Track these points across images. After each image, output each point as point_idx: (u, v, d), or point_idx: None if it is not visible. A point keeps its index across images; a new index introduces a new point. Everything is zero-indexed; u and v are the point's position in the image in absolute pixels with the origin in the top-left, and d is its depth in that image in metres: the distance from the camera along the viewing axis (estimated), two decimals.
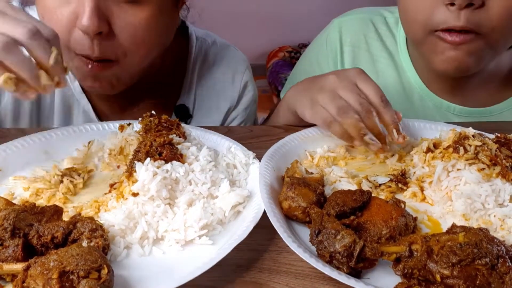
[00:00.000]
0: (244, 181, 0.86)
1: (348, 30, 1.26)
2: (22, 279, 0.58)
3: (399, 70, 1.23)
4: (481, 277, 0.59)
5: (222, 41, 1.33)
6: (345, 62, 1.26)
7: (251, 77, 1.32)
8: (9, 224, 0.65)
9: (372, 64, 1.25)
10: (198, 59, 1.26)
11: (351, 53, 1.25)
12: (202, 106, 1.25)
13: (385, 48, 1.25)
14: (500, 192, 0.79)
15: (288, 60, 3.68)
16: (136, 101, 1.20)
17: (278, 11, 3.73)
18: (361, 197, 0.75)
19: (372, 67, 1.24)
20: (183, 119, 1.22)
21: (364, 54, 1.25)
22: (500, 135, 0.89)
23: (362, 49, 1.25)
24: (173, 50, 1.19)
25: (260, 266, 0.70)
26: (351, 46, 1.25)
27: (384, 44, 1.25)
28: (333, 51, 1.27)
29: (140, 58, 1.01)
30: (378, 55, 1.25)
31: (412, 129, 1.05)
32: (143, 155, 0.80)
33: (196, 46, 1.26)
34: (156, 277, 0.66)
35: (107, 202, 0.78)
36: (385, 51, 1.24)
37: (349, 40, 1.25)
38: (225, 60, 1.29)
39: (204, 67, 1.26)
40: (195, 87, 1.24)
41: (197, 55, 1.26)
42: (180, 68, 1.24)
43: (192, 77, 1.24)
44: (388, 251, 0.65)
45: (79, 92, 1.15)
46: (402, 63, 1.23)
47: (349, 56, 1.25)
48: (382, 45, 1.25)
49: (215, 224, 0.75)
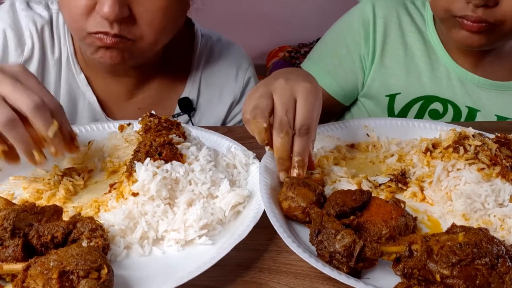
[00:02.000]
0: (244, 181, 0.86)
1: (381, 5, 1.35)
2: (22, 279, 0.58)
3: (427, 44, 1.33)
4: (481, 277, 0.59)
5: (226, 39, 1.36)
6: (377, 32, 1.33)
7: (254, 74, 1.34)
8: (9, 224, 0.65)
9: (402, 38, 1.34)
10: (203, 54, 1.28)
11: (383, 25, 1.33)
12: (206, 99, 1.27)
13: (415, 24, 1.34)
14: (500, 192, 0.79)
15: (288, 60, 3.68)
16: (142, 93, 1.22)
17: (278, 11, 3.73)
18: (361, 197, 0.75)
19: (402, 40, 1.33)
20: (187, 111, 1.24)
21: (395, 27, 1.34)
22: (500, 135, 0.89)
23: (393, 23, 1.34)
24: (179, 45, 1.21)
25: (260, 266, 0.70)
26: (383, 19, 1.33)
27: (413, 20, 1.34)
28: (365, 21, 1.34)
29: (154, 42, 1.03)
30: (408, 29, 1.34)
31: (412, 129, 1.06)
32: (143, 155, 0.80)
33: (202, 42, 1.28)
34: (156, 277, 0.66)
35: (107, 202, 0.79)
36: (415, 26, 1.34)
37: (382, 13, 1.34)
38: (229, 56, 1.31)
39: (209, 62, 1.29)
40: (199, 81, 1.26)
41: (202, 50, 1.28)
42: (185, 62, 1.26)
43: (196, 71, 1.26)
44: (388, 251, 0.65)
45: (85, 85, 1.17)
46: (430, 39, 1.33)
47: (381, 27, 1.33)
48: (411, 21, 1.34)
49: (215, 224, 0.75)
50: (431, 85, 1.32)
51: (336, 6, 2.25)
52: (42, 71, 1.14)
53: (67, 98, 1.17)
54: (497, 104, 1.32)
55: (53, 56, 1.15)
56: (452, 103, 1.33)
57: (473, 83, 1.31)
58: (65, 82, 1.16)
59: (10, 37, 1.10)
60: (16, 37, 1.11)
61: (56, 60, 1.15)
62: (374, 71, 1.34)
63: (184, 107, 1.24)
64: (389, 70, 1.33)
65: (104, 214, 0.74)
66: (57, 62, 1.15)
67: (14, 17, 1.12)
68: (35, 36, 1.12)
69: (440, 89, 1.32)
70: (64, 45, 1.15)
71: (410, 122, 1.07)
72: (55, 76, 1.16)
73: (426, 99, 1.33)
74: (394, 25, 1.34)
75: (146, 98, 1.22)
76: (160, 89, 1.23)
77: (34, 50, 1.13)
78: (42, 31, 1.13)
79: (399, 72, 1.33)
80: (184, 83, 1.25)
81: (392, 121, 1.07)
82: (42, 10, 1.15)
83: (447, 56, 1.31)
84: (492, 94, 1.31)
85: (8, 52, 1.11)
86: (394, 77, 1.33)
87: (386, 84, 1.34)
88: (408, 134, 1.04)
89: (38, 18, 1.14)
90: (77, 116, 1.19)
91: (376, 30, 1.34)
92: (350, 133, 1.03)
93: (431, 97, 1.33)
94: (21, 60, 1.11)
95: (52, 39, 1.15)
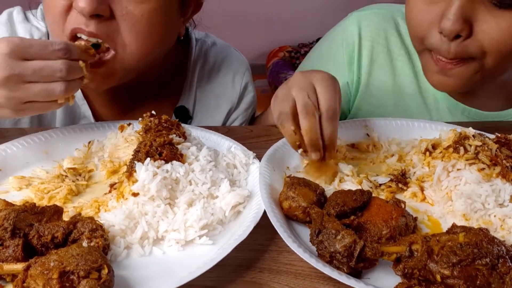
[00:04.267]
0: (244, 181, 0.86)
1: (368, 25, 1.22)
2: (22, 279, 0.58)
3: (416, 70, 1.20)
4: (481, 277, 0.59)
5: (221, 42, 1.33)
6: (363, 56, 1.22)
7: (250, 78, 1.32)
8: (9, 224, 0.65)
9: (390, 62, 1.22)
10: (198, 61, 1.26)
11: (370, 48, 1.22)
12: (203, 107, 1.25)
13: (404, 47, 1.22)
14: (500, 192, 0.79)
15: (288, 60, 3.68)
16: (137, 106, 1.19)
17: (278, 11, 3.73)
18: (361, 197, 0.75)
19: (390, 64, 1.22)
20: (183, 120, 1.22)
21: (382, 50, 1.22)
22: (500, 135, 0.89)
23: (381, 45, 1.22)
24: (173, 53, 1.19)
25: (261, 266, 0.70)
26: (371, 41, 1.22)
27: (403, 42, 1.22)
28: (350, 45, 1.23)
29: (139, 55, 0.99)
30: (397, 53, 1.22)
31: (412, 129, 1.05)
32: (143, 155, 0.79)
33: (196, 48, 1.26)
34: (156, 277, 0.66)
35: (107, 202, 0.78)
36: (404, 49, 1.22)
37: (369, 34, 1.22)
38: (225, 61, 1.29)
39: (204, 68, 1.26)
40: (195, 88, 1.24)
41: (197, 57, 1.26)
42: (180, 70, 1.24)
43: (192, 79, 1.24)
44: (388, 251, 0.65)
45: (81, 99, 1.15)
46: (420, 64, 1.16)
47: (368, 51, 1.22)
48: (401, 43, 1.22)
49: (215, 224, 0.75)
50: (420, 115, 1.20)
51: (336, 6, 2.26)
52: None
53: (63, 112, 1.16)
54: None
55: None
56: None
57: (463, 114, 1.19)
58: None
59: None
60: None
61: None
62: (360, 99, 1.25)
63: (181, 116, 1.22)
64: (375, 100, 1.23)
65: (104, 214, 0.74)
66: None
67: (12, 29, 1.12)
68: None
69: (429, 119, 1.17)
70: None
71: (410, 122, 1.07)
72: None
73: None
74: (382, 47, 1.22)
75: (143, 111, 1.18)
76: (156, 100, 1.21)
77: None
78: None
79: (386, 102, 1.22)
80: (179, 92, 1.23)
81: (392, 121, 1.07)
82: (39, 23, 1.14)
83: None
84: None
85: None
86: (381, 107, 1.23)
87: (372, 113, 1.20)
88: (408, 134, 1.04)
89: (35, 31, 1.13)
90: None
91: (362, 54, 1.22)
92: (350, 133, 1.03)
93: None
94: None
95: None
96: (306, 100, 0.81)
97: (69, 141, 0.96)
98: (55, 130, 0.98)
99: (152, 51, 1.02)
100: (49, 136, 0.96)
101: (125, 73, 1.02)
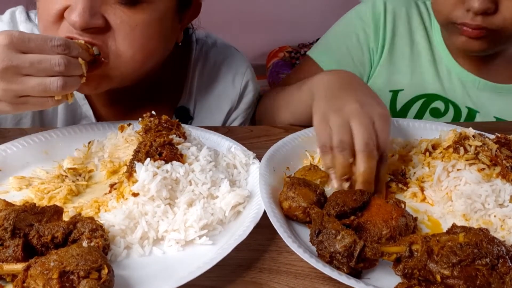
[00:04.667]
0: (244, 181, 0.86)
1: (392, 1, 1.38)
2: (22, 279, 0.58)
3: (432, 43, 1.36)
4: (481, 277, 0.59)
5: (222, 42, 1.32)
6: (387, 28, 1.36)
7: (252, 77, 1.31)
8: (9, 224, 0.65)
9: (410, 35, 1.37)
10: (198, 61, 1.25)
11: (392, 21, 1.36)
12: (203, 107, 1.25)
13: (422, 23, 1.37)
14: (500, 192, 0.79)
15: (288, 60, 3.67)
16: (137, 106, 1.19)
17: (278, 11, 3.73)
18: (361, 197, 0.75)
19: (409, 37, 1.37)
20: (184, 121, 1.21)
21: (403, 24, 1.37)
22: (500, 135, 0.90)
23: (402, 19, 1.37)
24: (173, 54, 1.18)
25: (260, 266, 0.70)
26: (393, 14, 1.37)
27: (421, 20, 1.38)
28: (376, 16, 1.37)
29: (133, 61, 0.97)
30: (415, 27, 1.37)
31: (412, 129, 1.06)
32: (143, 155, 0.79)
33: (197, 48, 1.26)
34: (156, 277, 0.66)
35: (107, 202, 0.78)
36: (422, 24, 1.37)
37: (392, 8, 1.37)
38: (225, 61, 1.28)
39: (205, 69, 1.26)
40: (195, 89, 1.24)
41: (198, 57, 1.26)
42: (180, 71, 1.24)
43: (192, 80, 1.24)
44: (388, 251, 0.65)
45: (82, 98, 1.16)
46: (434, 39, 1.36)
47: (391, 23, 1.36)
48: (419, 19, 1.37)
49: (215, 224, 0.75)
50: (434, 84, 1.34)
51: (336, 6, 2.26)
52: None
53: (64, 111, 1.16)
54: (496, 106, 1.32)
55: None
56: (453, 103, 1.34)
57: (473, 84, 1.33)
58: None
59: None
60: None
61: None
62: (382, 66, 1.37)
63: (181, 116, 1.22)
64: (395, 67, 1.36)
65: (104, 214, 0.74)
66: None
67: (14, 28, 1.12)
68: None
69: (442, 89, 1.34)
70: None
71: (410, 123, 1.07)
72: None
73: (428, 97, 1.35)
74: (402, 21, 1.37)
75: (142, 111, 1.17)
76: (157, 100, 1.21)
77: None
78: None
79: (404, 69, 1.36)
80: (180, 92, 1.23)
81: (393, 121, 1.06)
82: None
83: (449, 57, 1.33)
84: (492, 96, 1.32)
85: None
86: (400, 74, 1.36)
87: (391, 80, 1.36)
88: (408, 134, 1.04)
89: (37, 31, 1.12)
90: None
91: (386, 25, 1.37)
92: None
93: (433, 95, 1.34)
94: None
95: None
96: (369, 141, 0.82)
97: (69, 141, 0.96)
98: (55, 130, 0.98)
99: (148, 60, 1.01)
100: (49, 136, 0.96)
101: (121, 79, 1.00)
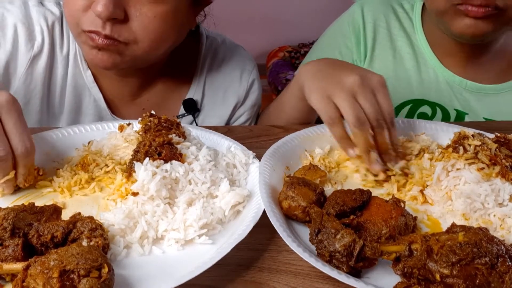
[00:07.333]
0: (244, 180, 0.86)
1: (370, 9, 1.38)
2: (22, 279, 0.58)
3: (415, 48, 1.35)
4: (480, 277, 0.59)
5: (231, 41, 1.37)
6: (367, 38, 1.37)
7: (258, 76, 1.35)
8: (8, 224, 0.65)
9: (391, 42, 1.37)
10: (208, 56, 1.29)
11: (372, 30, 1.36)
12: (210, 100, 1.28)
13: (403, 28, 1.37)
14: (500, 191, 0.79)
15: (288, 60, 3.67)
16: (146, 94, 1.23)
17: (278, 11, 3.73)
18: (361, 196, 0.76)
19: (391, 45, 1.37)
20: (191, 112, 1.25)
21: (383, 32, 1.37)
22: (499, 134, 0.89)
23: (381, 27, 1.37)
24: (185, 47, 1.22)
25: (260, 266, 0.70)
26: (373, 24, 1.37)
27: (401, 25, 1.37)
28: (356, 28, 1.37)
29: (149, 48, 1.03)
30: (396, 34, 1.37)
31: (412, 129, 1.05)
32: (142, 155, 0.80)
33: (207, 44, 1.30)
34: (156, 276, 0.66)
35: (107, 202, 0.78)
36: (403, 30, 1.37)
37: (371, 17, 1.37)
38: (233, 58, 1.32)
39: (214, 63, 1.30)
40: (204, 82, 1.28)
41: (207, 52, 1.29)
42: (190, 63, 1.28)
43: (201, 73, 1.28)
44: (387, 250, 0.65)
45: (91, 82, 1.18)
46: (418, 42, 1.35)
47: (371, 32, 1.36)
48: (399, 25, 1.37)
49: (214, 224, 0.75)
50: (420, 88, 1.33)
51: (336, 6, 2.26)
52: (50, 67, 1.15)
53: (73, 94, 1.18)
54: (485, 108, 1.31)
55: (62, 52, 1.16)
56: (441, 106, 1.32)
57: (461, 86, 1.31)
58: (72, 77, 1.17)
59: (21, 31, 1.11)
60: (27, 32, 1.12)
61: (64, 56, 1.16)
62: None
63: (189, 108, 1.25)
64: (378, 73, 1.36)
65: (104, 214, 0.74)
66: (65, 58, 1.16)
67: (26, 12, 1.13)
68: (45, 32, 1.13)
69: (428, 93, 1.32)
70: (73, 42, 1.16)
71: (411, 122, 1.07)
72: (62, 71, 1.16)
73: (414, 103, 1.34)
74: (382, 29, 1.37)
75: (150, 98, 1.23)
76: (165, 90, 1.25)
77: (44, 46, 1.13)
78: (53, 27, 1.15)
79: (388, 76, 1.29)
80: (189, 84, 1.27)
81: (397, 121, 1.06)
82: (53, 7, 1.16)
83: (435, 59, 1.32)
84: (480, 97, 1.31)
85: (18, 46, 1.11)
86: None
87: None
88: (408, 134, 1.03)
89: (49, 15, 1.15)
90: (81, 112, 1.20)
91: (366, 35, 1.37)
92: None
93: (419, 100, 1.33)
94: (31, 54, 1.12)
95: (61, 36, 1.16)
96: (378, 116, 0.87)
97: (69, 141, 0.96)
98: (54, 131, 0.98)
99: (162, 46, 1.08)
100: (49, 136, 0.96)
101: (134, 61, 1.05)
